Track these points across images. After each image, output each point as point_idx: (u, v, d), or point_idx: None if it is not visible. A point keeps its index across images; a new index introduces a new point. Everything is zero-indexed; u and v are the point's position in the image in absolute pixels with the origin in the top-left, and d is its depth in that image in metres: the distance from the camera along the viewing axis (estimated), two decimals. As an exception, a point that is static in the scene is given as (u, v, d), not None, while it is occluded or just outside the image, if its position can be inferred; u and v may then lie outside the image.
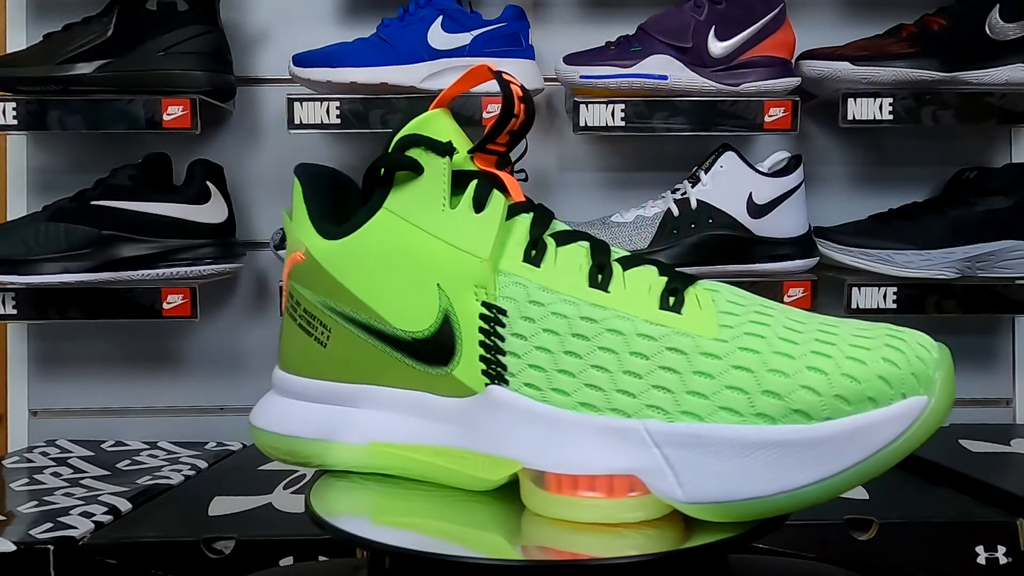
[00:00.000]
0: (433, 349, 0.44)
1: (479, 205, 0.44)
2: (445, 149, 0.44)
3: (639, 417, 0.40)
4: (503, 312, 0.42)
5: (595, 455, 0.40)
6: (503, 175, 0.46)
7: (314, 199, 0.49)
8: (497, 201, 0.44)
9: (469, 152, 0.46)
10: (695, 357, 0.39)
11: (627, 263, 0.43)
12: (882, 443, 0.37)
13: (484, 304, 0.42)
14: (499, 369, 0.42)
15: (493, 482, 0.43)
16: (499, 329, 0.42)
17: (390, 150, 0.46)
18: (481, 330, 0.42)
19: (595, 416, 0.40)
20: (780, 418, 0.38)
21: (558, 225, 0.45)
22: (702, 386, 0.39)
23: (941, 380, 0.38)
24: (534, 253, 0.43)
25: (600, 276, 0.42)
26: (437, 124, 0.46)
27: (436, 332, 0.44)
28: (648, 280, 0.42)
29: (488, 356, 0.42)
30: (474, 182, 0.44)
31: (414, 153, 0.45)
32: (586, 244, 0.44)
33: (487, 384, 0.43)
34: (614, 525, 0.40)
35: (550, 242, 0.44)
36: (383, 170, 0.46)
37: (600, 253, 0.43)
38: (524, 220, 0.44)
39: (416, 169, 0.45)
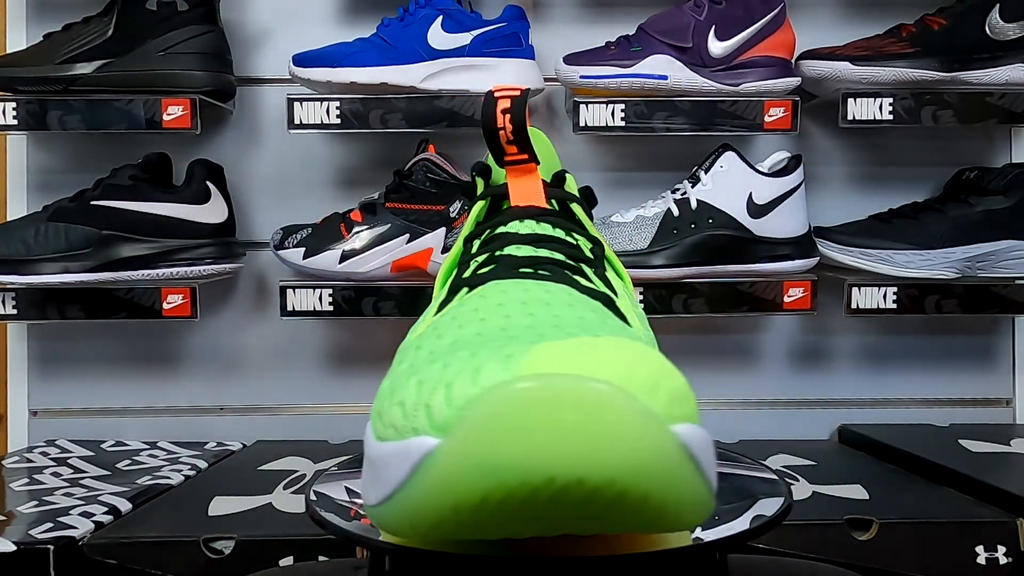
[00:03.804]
0: None
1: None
2: (479, 170, 0.49)
3: None
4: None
5: None
6: (521, 182, 0.47)
7: None
8: (472, 213, 0.47)
9: (500, 167, 0.48)
10: (395, 361, 0.38)
11: (487, 262, 0.42)
12: (396, 483, 0.31)
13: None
14: None
15: None
16: None
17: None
18: None
19: None
20: (380, 430, 0.34)
21: (518, 227, 0.45)
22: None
23: (475, 423, 0.27)
24: (462, 261, 0.45)
25: (454, 276, 0.43)
26: None
27: None
28: (467, 279, 0.41)
29: None
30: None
31: (477, 180, 0.50)
32: (491, 245, 0.44)
33: None
34: None
35: (474, 246, 0.45)
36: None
37: (477, 253, 0.43)
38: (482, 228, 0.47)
39: (476, 192, 0.50)
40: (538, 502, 0.28)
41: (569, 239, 0.44)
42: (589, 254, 0.44)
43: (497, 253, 0.42)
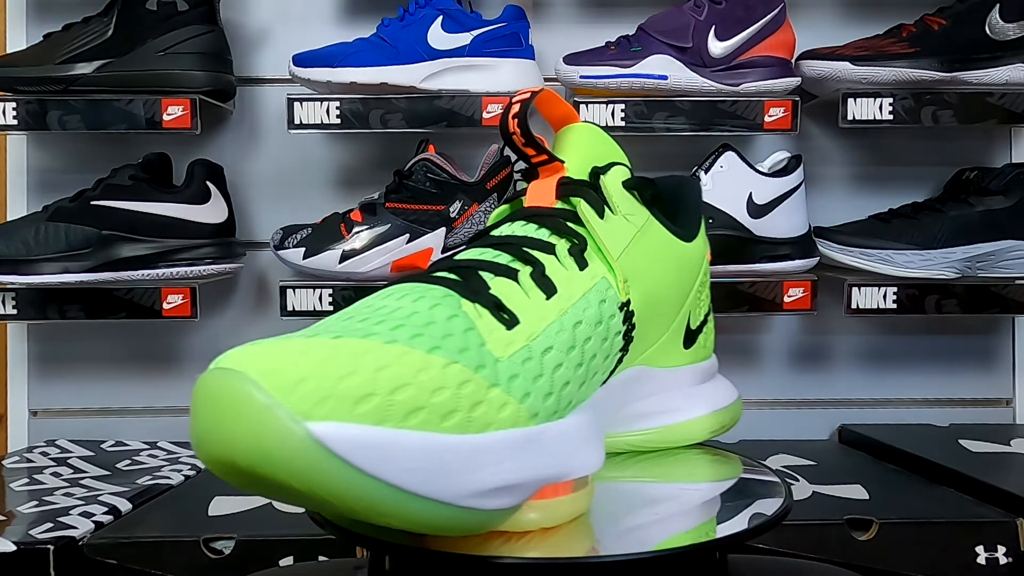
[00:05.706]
0: None
1: None
2: (523, 174, 0.49)
3: None
4: None
5: None
6: (538, 183, 0.48)
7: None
8: (491, 217, 0.49)
9: (531, 168, 0.49)
10: None
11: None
12: None
13: None
14: None
15: None
16: None
17: None
18: None
19: None
20: None
21: (503, 229, 0.46)
22: None
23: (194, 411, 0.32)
24: None
25: None
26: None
27: None
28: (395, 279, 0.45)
29: None
30: None
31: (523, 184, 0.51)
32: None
33: None
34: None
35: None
36: None
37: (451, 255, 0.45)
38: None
39: None
40: (248, 478, 0.31)
41: (552, 239, 0.44)
42: (558, 254, 0.44)
43: (450, 256, 0.44)
